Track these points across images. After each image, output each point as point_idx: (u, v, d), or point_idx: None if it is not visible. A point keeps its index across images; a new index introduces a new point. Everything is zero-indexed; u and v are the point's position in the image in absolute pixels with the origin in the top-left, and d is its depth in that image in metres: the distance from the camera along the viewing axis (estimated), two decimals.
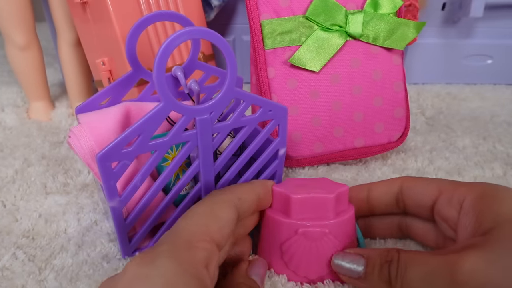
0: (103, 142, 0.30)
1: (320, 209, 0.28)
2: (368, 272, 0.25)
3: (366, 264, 0.25)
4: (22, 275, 0.31)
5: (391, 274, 0.24)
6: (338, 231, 0.28)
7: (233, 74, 0.27)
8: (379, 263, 0.24)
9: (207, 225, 0.23)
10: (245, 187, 0.28)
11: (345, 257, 0.26)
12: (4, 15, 0.49)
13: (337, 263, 0.26)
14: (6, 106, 0.58)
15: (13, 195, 0.40)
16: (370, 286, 0.25)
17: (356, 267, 0.25)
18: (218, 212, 0.25)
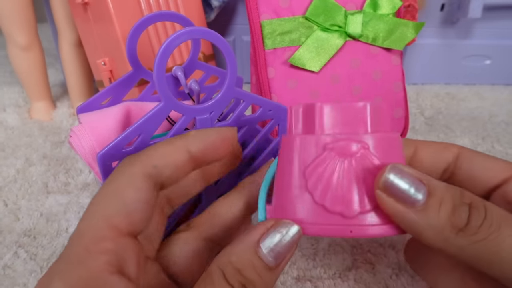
0: (104, 142, 0.31)
1: (354, 123, 0.20)
2: (431, 205, 0.17)
3: (429, 194, 0.18)
4: (24, 273, 0.31)
5: (471, 222, 0.17)
6: (380, 150, 0.19)
7: (233, 74, 0.28)
8: (452, 201, 0.18)
9: (108, 216, 0.18)
10: (167, 146, 0.21)
11: (403, 175, 0.18)
12: (6, 15, 0.49)
13: (390, 179, 0.18)
14: (8, 106, 0.59)
15: (14, 195, 0.40)
16: (425, 226, 0.17)
17: (415, 192, 0.18)
18: (123, 193, 0.19)
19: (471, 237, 0.17)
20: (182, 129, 0.28)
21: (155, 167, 0.20)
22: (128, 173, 0.20)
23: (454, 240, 0.17)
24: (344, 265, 0.32)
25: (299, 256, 0.33)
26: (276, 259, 0.18)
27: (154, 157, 0.21)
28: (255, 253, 0.18)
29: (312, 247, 0.33)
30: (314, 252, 0.33)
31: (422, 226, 0.17)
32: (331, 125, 0.20)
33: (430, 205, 0.17)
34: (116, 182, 0.19)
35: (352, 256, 0.33)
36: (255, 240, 0.18)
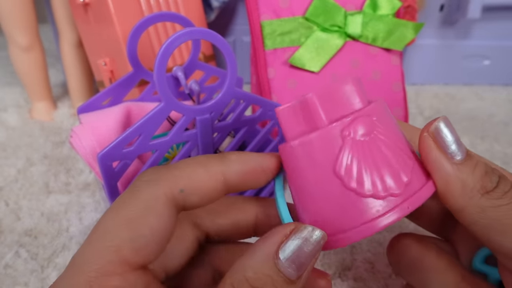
0: (104, 142, 0.31)
1: (349, 101, 0.19)
2: (468, 164, 0.18)
3: (467, 156, 0.18)
4: (25, 273, 0.31)
5: (500, 186, 0.17)
6: (383, 120, 0.18)
7: (233, 74, 0.28)
8: (485, 167, 0.18)
9: (120, 248, 0.15)
10: (200, 170, 0.18)
11: (452, 129, 0.18)
12: (7, 16, 0.49)
13: (441, 127, 0.18)
14: (9, 106, 0.59)
15: (15, 194, 0.40)
16: (457, 180, 0.17)
17: (456, 148, 0.18)
18: (140, 221, 0.16)
19: (496, 200, 0.17)
20: (182, 129, 0.28)
21: (182, 192, 0.17)
22: (149, 195, 0.17)
23: (478, 200, 0.17)
24: (344, 265, 0.32)
25: None
26: (298, 270, 0.16)
27: (183, 179, 0.17)
28: (274, 266, 0.16)
29: None
30: None
31: (454, 179, 0.17)
32: (332, 112, 0.18)
33: (467, 164, 0.18)
34: (132, 206, 0.16)
35: (352, 255, 0.33)
36: (273, 251, 0.16)
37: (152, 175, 0.17)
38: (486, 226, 0.17)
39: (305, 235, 0.16)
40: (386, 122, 0.18)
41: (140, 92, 0.45)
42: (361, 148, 0.17)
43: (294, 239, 0.16)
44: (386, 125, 0.18)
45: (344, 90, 0.19)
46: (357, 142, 0.17)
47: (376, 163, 0.17)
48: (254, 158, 0.19)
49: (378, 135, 0.18)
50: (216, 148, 0.32)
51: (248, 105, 0.31)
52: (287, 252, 0.16)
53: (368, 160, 0.17)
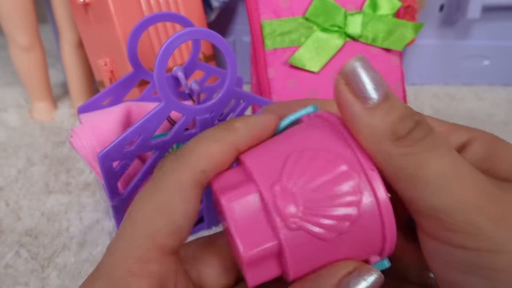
0: (104, 142, 0.31)
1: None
2: (382, 108, 0.16)
3: (384, 99, 0.16)
4: (25, 273, 0.31)
5: (412, 134, 0.16)
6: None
7: (233, 74, 0.28)
8: (403, 111, 0.16)
9: (154, 234, 0.16)
10: (214, 145, 0.18)
11: (369, 69, 0.17)
12: (7, 16, 0.49)
13: (356, 67, 0.17)
14: (9, 106, 0.59)
15: (16, 194, 0.40)
16: (366, 123, 0.16)
17: (372, 90, 0.16)
18: (170, 207, 0.17)
19: (405, 148, 0.16)
20: (183, 129, 0.28)
21: (204, 172, 0.17)
22: (175, 181, 0.17)
23: (386, 146, 0.16)
24: None
25: None
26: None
27: (202, 160, 0.17)
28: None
29: None
30: None
31: (363, 123, 0.16)
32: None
33: (380, 107, 0.16)
34: (161, 192, 0.17)
35: None
36: (335, 283, 0.16)
37: (174, 161, 0.18)
38: (393, 175, 0.16)
39: (368, 276, 0.16)
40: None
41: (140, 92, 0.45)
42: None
43: (358, 278, 0.16)
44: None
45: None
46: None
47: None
48: (257, 120, 0.19)
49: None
50: None
51: (248, 105, 0.31)
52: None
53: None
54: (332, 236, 0.16)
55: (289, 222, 0.16)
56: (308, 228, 0.16)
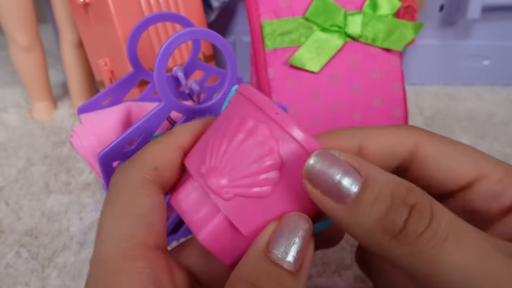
0: (104, 142, 0.31)
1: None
2: (363, 201, 0.14)
3: (363, 187, 0.14)
4: (26, 273, 0.31)
5: (409, 228, 0.13)
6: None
7: (233, 74, 0.28)
8: (390, 199, 0.14)
9: (132, 234, 0.16)
10: (158, 146, 0.19)
11: (332, 162, 0.15)
12: (7, 16, 0.49)
13: (315, 167, 0.15)
14: (9, 106, 0.59)
15: (16, 194, 0.40)
16: (354, 225, 0.14)
17: (347, 183, 0.14)
18: (136, 204, 0.17)
19: (407, 246, 0.13)
20: None
21: (156, 170, 0.18)
22: (132, 181, 0.18)
23: (387, 246, 0.14)
24: (344, 264, 0.32)
25: None
26: (295, 261, 0.15)
27: (151, 159, 0.18)
28: (267, 259, 0.15)
29: None
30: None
31: (351, 225, 0.14)
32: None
33: (362, 201, 0.14)
34: (123, 194, 0.17)
35: (352, 254, 0.33)
36: (264, 246, 0.16)
37: (125, 165, 0.19)
38: (408, 269, 0.14)
39: (292, 224, 0.16)
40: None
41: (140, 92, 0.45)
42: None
43: (282, 230, 0.16)
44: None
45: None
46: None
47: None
48: (196, 122, 0.20)
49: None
50: None
51: None
52: (278, 244, 0.15)
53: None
54: (266, 191, 0.16)
55: (222, 194, 0.16)
56: (241, 192, 0.16)
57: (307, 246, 0.16)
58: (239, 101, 0.18)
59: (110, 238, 0.16)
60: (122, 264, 0.16)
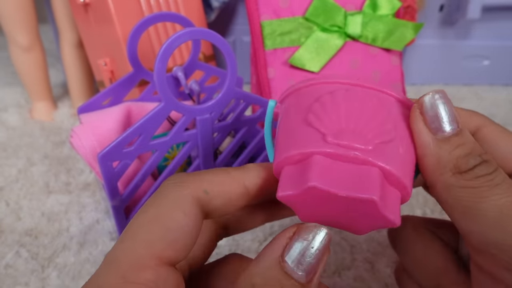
0: (104, 142, 0.31)
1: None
2: (451, 141, 0.17)
3: (456, 133, 0.17)
4: (25, 273, 0.31)
5: (475, 170, 0.16)
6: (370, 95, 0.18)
7: (233, 74, 0.28)
8: (471, 148, 0.17)
9: (151, 243, 0.16)
10: (221, 174, 0.19)
11: (447, 103, 0.17)
12: (7, 16, 0.49)
13: (434, 100, 0.17)
14: (10, 106, 0.59)
15: (16, 194, 0.40)
16: (434, 153, 0.17)
17: (446, 122, 0.17)
18: (168, 218, 0.17)
19: (465, 181, 0.16)
20: (183, 129, 0.28)
21: (206, 193, 0.18)
22: (175, 195, 0.17)
23: (448, 178, 0.16)
24: (344, 264, 0.32)
25: None
26: (307, 272, 0.15)
27: (206, 182, 0.18)
28: (281, 270, 0.15)
29: None
30: None
31: (430, 152, 0.17)
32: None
33: (450, 141, 0.17)
34: (160, 205, 0.17)
35: (352, 255, 0.33)
36: (279, 254, 0.15)
37: (178, 178, 0.18)
38: (451, 206, 0.17)
39: (309, 234, 0.16)
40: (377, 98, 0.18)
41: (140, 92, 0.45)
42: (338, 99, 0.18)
43: (298, 240, 0.16)
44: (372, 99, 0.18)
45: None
46: (337, 94, 0.18)
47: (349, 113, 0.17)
48: (267, 164, 0.20)
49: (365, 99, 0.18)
50: (216, 148, 0.32)
51: (248, 105, 0.31)
52: (292, 254, 0.15)
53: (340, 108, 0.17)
54: (393, 135, 0.17)
55: (366, 146, 0.16)
56: (380, 140, 0.17)
57: (322, 258, 0.16)
58: (312, 89, 0.18)
59: (130, 239, 0.16)
60: (130, 271, 0.16)
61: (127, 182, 0.31)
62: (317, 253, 0.16)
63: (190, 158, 0.34)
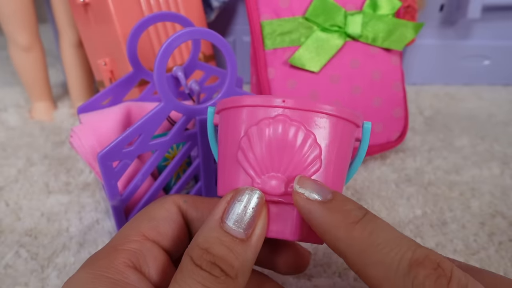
0: (104, 142, 0.31)
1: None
2: (335, 202, 0.19)
3: (333, 196, 0.19)
4: (25, 273, 0.31)
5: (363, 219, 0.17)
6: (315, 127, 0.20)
7: (233, 74, 0.28)
8: (351, 204, 0.18)
9: (138, 226, 0.21)
10: (204, 197, 0.24)
11: (304, 183, 0.19)
12: (7, 16, 0.49)
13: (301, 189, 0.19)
14: (9, 106, 0.59)
15: (15, 194, 0.40)
16: (327, 220, 0.18)
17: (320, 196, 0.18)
18: (152, 212, 0.22)
19: (353, 232, 0.17)
20: (183, 129, 0.28)
21: (185, 202, 0.23)
22: (161, 200, 0.23)
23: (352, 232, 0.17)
24: (344, 265, 0.32)
25: None
26: (246, 229, 0.18)
27: (188, 197, 0.23)
28: (221, 229, 0.18)
29: (311, 246, 0.34)
30: (314, 251, 0.33)
31: (325, 221, 0.18)
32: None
33: (335, 202, 0.18)
34: (149, 206, 0.23)
35: None
36: (219, 217, 0.18)
37: (164, 196, 0.24)
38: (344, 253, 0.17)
39: (244, 196, 0.18)
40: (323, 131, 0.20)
41: (140, 92, 0.45)
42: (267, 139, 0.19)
43: (235, 202, 0.18)
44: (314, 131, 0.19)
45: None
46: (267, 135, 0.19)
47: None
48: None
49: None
50: None
51: None
52: (231, 215, 0.18)
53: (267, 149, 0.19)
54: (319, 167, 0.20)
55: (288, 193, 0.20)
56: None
57: (258, 216, 0.18)
58: (232, 115, 0.21)
59: (124, 228, 0.22)
60: (119, 243, 0.20)
61: (127, 182, 0.31)
62: (252, 211, 0.18)
63: (190, 158, 0.34)
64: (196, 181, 0.35)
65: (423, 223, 0.37)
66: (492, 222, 0.37)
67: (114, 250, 0.20)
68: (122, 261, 0.19)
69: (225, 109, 0.21)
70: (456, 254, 0.33)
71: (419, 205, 0.39)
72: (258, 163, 0.19)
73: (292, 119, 0.19)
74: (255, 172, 0.19)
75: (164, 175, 0.30)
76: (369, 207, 0.39)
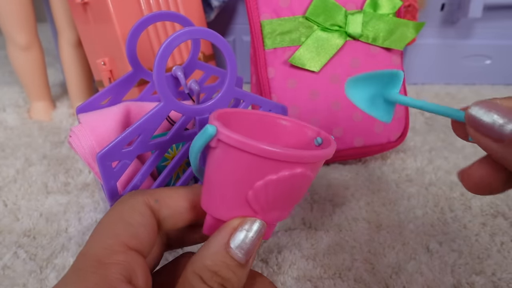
0: (103, 142, 0.31)
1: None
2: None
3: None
4: (24, 274, 0.31)
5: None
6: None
7: (233, 74, 0.28)
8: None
9: (117, 234, 0.20)
10: (170, 191, 0.23)
11: (489, 109, 0.17)
12: (6, 15, 0.49)
13: (473, 114, 0.18)
14: (8, 106, 0.59)
15: (14, 195, 0.40)
16: (509, 157, 0.17)
17: (500, 126, 0.17)
18: (127, 218, 0.21)
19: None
20: (182, 129, 0.28)
21: (156, 202, 0.22)
22: (132, 201, 0.22)
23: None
24: (344, 265, 0.32)
25: (299, 256, 0.32)
26: (246, 255, 0.20)
27: (156, 194, 0.23)
28: (227, 254, 0.19)
29: (312, 247, 0.33)
30: (314, 253, 0.33)
31: (508, 158, 0.17)
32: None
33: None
34: (121, 209, 0.21)
35: (352, 256, 0.33)
36: (225, 242, 0.20)
37: (133, 192, 0.23)
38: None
39: (248, 226, 0.20)
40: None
41: (139, 91, 0.45)
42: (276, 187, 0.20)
43: (241, 230, 0.20)
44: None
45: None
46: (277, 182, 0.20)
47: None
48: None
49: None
50: None
51: (248, 105, 0.31)
52: (236, 241, 0.20)
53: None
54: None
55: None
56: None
57: (257, 244, 0.20)
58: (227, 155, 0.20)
59: (98, 235, 0.20)
60: (103, 255, 0.19)
61: (126, 182, 0.30)
62: (254, 240, 0.20)
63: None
64: (195, 181, 0.35)
65: (424, 223, 0.36)
66: (494, 222, 0.37)
67: (101, 264, 0.19)
68: (115, 277, 0.18)
69: (237, 148, 0.20)
70: (457, 254, 0.33)
71: (419, 205, 0.39)
72: (268, 204, 0.21)
73: (307, 172, 0.20)
74: (262, 209, 0.21)
75: (163, 175, 0.30)
76: (369, 207, 0.39)
